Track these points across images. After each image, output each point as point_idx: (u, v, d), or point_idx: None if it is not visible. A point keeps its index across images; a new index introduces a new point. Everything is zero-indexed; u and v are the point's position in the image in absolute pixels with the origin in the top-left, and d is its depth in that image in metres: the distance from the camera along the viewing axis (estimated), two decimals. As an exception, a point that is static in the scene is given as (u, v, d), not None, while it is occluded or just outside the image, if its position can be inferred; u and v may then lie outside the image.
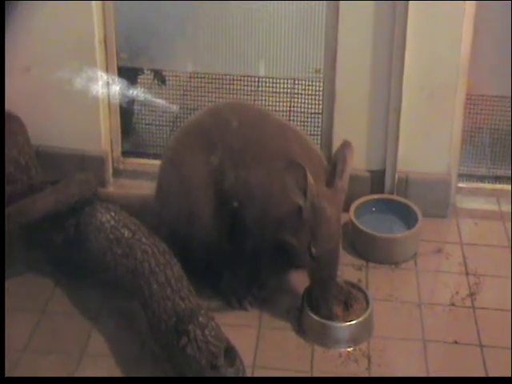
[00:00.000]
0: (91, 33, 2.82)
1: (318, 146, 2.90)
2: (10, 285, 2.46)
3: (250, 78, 3.06)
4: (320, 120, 2.97)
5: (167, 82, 3.13)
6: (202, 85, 3.09)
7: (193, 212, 2.44)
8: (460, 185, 2.99)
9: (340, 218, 2.33)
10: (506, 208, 2.95)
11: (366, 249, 2.71)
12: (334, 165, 2.32)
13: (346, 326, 2.37)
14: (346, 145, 2.35)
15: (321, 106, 2.96)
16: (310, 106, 3.06)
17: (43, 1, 2.75)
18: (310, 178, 2.20)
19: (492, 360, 2.32)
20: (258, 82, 3.09)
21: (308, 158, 2.35)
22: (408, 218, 2.78)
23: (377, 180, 2.91)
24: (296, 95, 3.10)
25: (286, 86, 3.11)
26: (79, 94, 2.89)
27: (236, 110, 2.49)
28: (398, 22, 2.68)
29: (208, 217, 2.43)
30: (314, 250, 2.28)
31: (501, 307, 2.52)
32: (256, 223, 2.39)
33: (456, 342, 2.39)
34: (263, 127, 2.44)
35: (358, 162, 2.76)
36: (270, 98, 3.11)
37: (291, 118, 3.08)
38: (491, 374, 2.26)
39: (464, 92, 2.81)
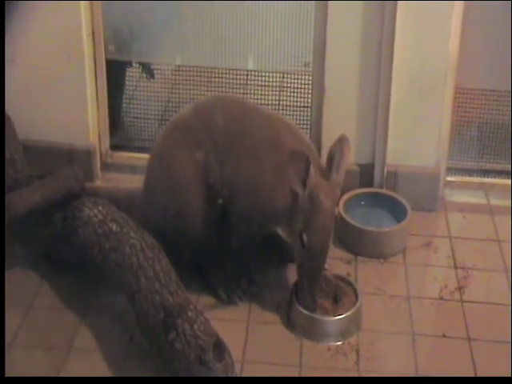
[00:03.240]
0: (79, 25, 2.80)
1: (307, 139, 2.89)
2: (-4, 279, 2.45)
3: (238, 72, 3.06)
4: (309, 114, 2.97)
5: (155, 75, 3.12)
6: (191, 78, 3.08)
7: (181, 207, 2.43)
8: (449, 178, 2.99)
9: (334, 211, 2.33)
10: (494, 201, 2.95)
11: (355, 242, 2.71)
12: (330, 158, 2.32)
13: (334, 320, 2.37)
14: (342, 139, 2.33)
15: (310, 100, 2.96)
16: (298, 100, 3.06)
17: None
18: (312, 169, 2.20)
19: (480, 353, 2.32)
20: (247, 75, 3.09)
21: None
22: (397, 211, 2.78)
23: (366, 174, 2.91)
24: (285, 89, 3.10)
25: (274, 79, 3.11)
26: (67, 87, 2.88)
27: (222, 104, 2.48)
28: (387, 16, 2.68)
29: (196, 212, 2.42)
30: (305, 238, 2.28)
31: (489, 301, 2.52)
32: (245, 216, 2.39)
33: (444, 336, 2.39)
34: (251, 119, 2.43)
35: (347, 156, 2.76)
36: (259, 92, 3.10)
37: (280, 112, 3.07)
38: (479, 368, 2.27)
39: (453, 86, 2.81)
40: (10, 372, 2.18)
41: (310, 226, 2.27)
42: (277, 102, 3.12)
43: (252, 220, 2.38)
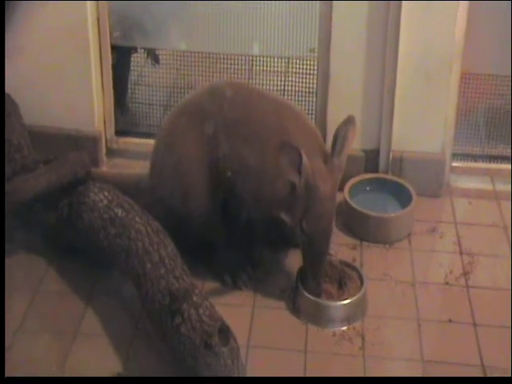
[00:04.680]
0: (84, 11, 2.80)
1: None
2: (3, 264, 2.46)
3: (243, 57, 3.05)
4: (314, 99, 2.96)
5: (160, 61, 3.12)
6: (196, 64, 3.07)
7: (187, 191, 2.44)
8: (454, 164, 2.99)
9: (335, 196, 2.32)
10: (500, 187, 2.95)
11: (360, 228, 2.71)
12: (335, 140, 2.31)
13: (340, 305, 2.37)
14: (348, 121, 2.32)
15: (315, 85, 2.95)
16: (304, 85, 3.05)
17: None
18: (305, 158, 2.19)
19: (486, 338, 2.33)
20: (252, 60, 3.08)
21: (303, 135, 2.35)
22: (402, 197, 2.77)
23: (371, 159, 2.90)
24: (290, 74, 3.09)
25: (280, 64, 3.10)
26: (72, 73, 2.88)
27: (231, 87, 2.48)
28: (393, 2, 2.66)
29: (202, 195, 2.42)
30: (305, 226, 2.28)
31: (494, 286, 2.53)
32: (250, 199, 2.39)
33: (450, 321, 2.39)
34: (258, 103, 2.43)
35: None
36: (264, 77, 3.09)
37: (286, 98, 3.06)
38: (485, 353, 2.27)
39: (459, 72, 2.80)
40: (17, 357, 2.21)
41: (308, 213, 2.27)
42: (282, 88, 3.11)
43: (258, 202, 2.38)
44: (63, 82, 2.89)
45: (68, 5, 2.77)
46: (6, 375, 1.99)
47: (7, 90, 2.69)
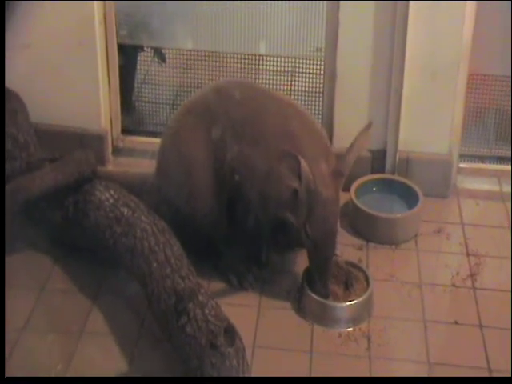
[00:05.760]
0: (91, 10, 2.79)
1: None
2: (9, 262, 2.44)
3: (250, 56, 3.05)
4: (321, 99, 2.96)
5: (167, 60, 3.12)
6: (202, 62, 3.07)
7: (193, 190, 2.43)
8: (461, 165, 2.98)
9: (338, 199, 2.32)
10: (507, 189, 2.93)
11: (367, 229, 2.71)
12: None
13: (345, 306, 2.37)
14: (365, 127, 2.34)
15: (322, 85, 2.94)
16: (310, 85, 3.05)
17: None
18: (305, 166, 2.18)
19: (492, 340, 2.32)
20: (259, 60, 3.08)
21: (308, 136, 2.34)
22: (409, 198, 2.77)
23: (378, 160, 2.89)
24: (297, 74, 3.08)
25: (286, 64, 3.09)
26: (79, 71, 2.88)
27: (239, 87, 2.47)
28: (401, 2, 2.66)
29: (208, 195, 2.42)
30: (309, 230, 2.28)
31: (501, 288, 2.51)
32: (256, 200, 2.38)
33: (456, 323, 2.38)
34: (264, 104, 2.42)
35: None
36: (271, 77, 3.09)
37: (292, 97, 3.06)
38: (491, 355, 2.26)
39: (466, 72, 2.79)
40: (22, 355, 2.21)
41: (312, 217, 2.26)
42: (288, 88, 3.11)
43: (264, 203, 2.37)
44: (70, 81, 2.89)
45: (74, 3, 2.77)
46: (11, 373, 1.99)
47: (14, 88, 2.68)
